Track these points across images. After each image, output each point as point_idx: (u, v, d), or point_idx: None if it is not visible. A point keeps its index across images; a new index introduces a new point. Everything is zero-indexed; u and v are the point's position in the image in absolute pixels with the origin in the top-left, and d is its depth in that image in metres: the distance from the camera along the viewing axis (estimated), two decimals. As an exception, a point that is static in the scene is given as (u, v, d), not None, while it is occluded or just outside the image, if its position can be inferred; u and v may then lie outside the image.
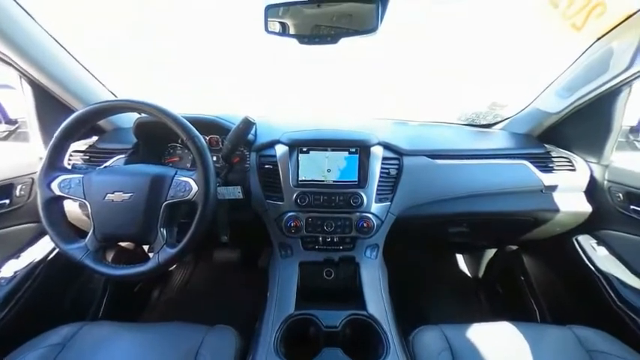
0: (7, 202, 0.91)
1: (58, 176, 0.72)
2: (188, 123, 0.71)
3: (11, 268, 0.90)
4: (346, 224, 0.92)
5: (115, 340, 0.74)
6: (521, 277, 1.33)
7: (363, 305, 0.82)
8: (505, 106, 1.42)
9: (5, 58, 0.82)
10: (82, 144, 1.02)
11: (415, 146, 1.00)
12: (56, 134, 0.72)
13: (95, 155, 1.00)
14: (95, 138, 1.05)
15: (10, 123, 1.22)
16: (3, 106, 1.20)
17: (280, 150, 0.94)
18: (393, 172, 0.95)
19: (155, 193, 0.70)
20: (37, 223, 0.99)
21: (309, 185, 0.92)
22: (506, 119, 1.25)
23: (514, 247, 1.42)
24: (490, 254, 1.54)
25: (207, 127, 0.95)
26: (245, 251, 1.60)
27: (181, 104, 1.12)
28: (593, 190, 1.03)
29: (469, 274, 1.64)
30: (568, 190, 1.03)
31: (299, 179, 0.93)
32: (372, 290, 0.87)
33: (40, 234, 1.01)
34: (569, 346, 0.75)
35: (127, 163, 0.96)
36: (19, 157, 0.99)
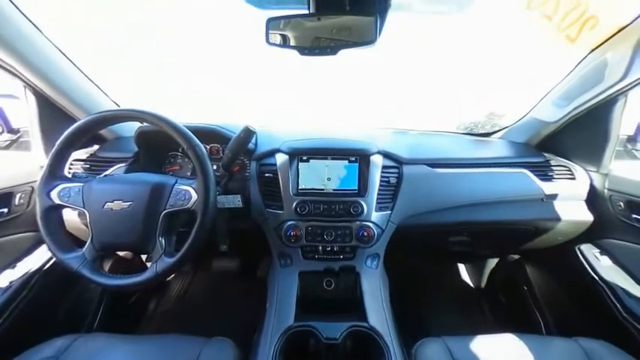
0: (5, 210, 0.91)
1: (58, 185, 0.72)
2: (189, 132, 0.71)
3: (7, 277, 0.89)
4: (346, 233, 0.91)
5: (110, 353, 0.72)
6: (525, 287, 1.31)
7: (363, 316, 0.81)
8: (503, 116, 1.43)
9: (11, 69, 0.84)
10: (82, 153, 1.02)
11: (415, 155, 1.00)
12: (58, 143, 0.72)
13: (96, 164, 1.00)
14: (96, 147, 1.06)
15: (13, 132, 1.22)
16: (6, 116, 1.21)
17: (280, 159, 0.94)
18: (393, 180, 0.95)
19: (155, 201, 0.70)
20: (35, 232, 0.98)
21: (309, 194, 0.92)
22: (505, 128, 1.26)
23: (516, 256, 1.40)
24: (492, 264, 1.52)
25: (208, 135, 0.96)
26: (244, 261, 1.58)
27: (180, 111, 1.13)
28: (593, 199, 1.02)
29: (471, 283, 1.62)
30: (569, 199, 1.03)
31: (299, 188, 0.93)
32: (373, 301, 0.85)
33: (38, 243, 1.00)
34: (575, 359, 0.73)
35: (128, 171, 0.97)
36: (19, 166, 0.99)
